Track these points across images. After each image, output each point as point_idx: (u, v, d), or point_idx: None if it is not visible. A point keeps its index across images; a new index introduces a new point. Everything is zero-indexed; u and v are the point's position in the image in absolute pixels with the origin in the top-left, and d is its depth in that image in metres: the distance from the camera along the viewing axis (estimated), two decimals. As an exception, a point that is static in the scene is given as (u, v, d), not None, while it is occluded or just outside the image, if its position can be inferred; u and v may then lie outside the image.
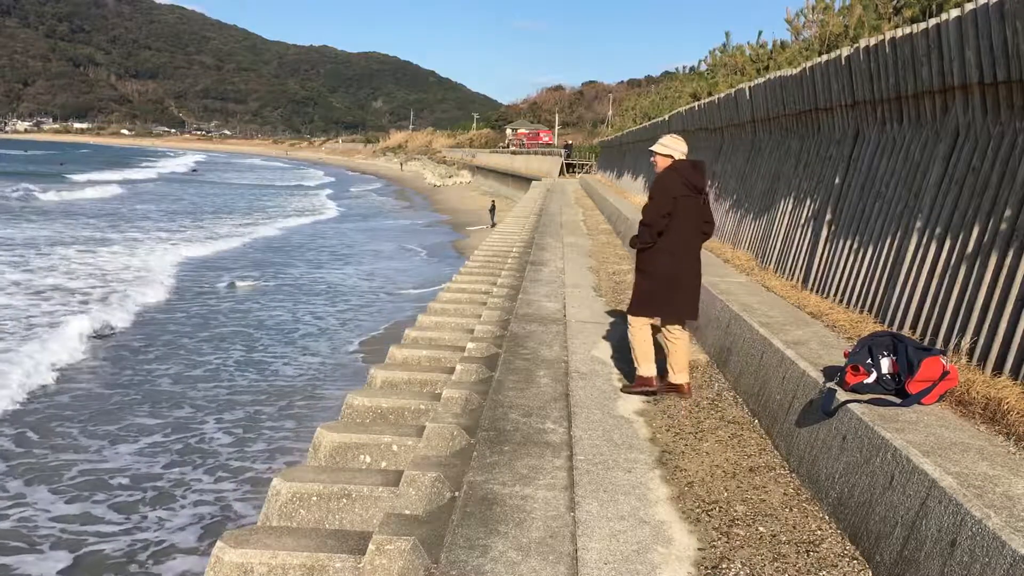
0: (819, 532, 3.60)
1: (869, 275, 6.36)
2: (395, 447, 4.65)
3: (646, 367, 5.57)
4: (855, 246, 6.73)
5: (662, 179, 5.54)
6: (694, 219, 5.54)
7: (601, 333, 7.42)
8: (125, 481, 8.25)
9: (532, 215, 20.92)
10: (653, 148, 5.66)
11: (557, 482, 3.95)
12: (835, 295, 6.93)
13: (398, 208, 49.16)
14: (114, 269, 21.10)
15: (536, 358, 6.35)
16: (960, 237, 5.12)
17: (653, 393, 5.55)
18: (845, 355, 4.36)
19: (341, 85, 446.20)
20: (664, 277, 5.52)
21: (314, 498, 3.95)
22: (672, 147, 5.57)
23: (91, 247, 25.06)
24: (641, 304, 5.61)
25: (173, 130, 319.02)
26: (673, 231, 5.47)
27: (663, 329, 5.72)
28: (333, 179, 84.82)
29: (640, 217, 5.62)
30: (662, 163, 5.59)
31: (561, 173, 50.40)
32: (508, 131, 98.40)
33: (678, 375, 5.65)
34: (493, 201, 37.72)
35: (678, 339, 5.63)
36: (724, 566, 3.25)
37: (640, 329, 5.57)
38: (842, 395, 4.05)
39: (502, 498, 3.73)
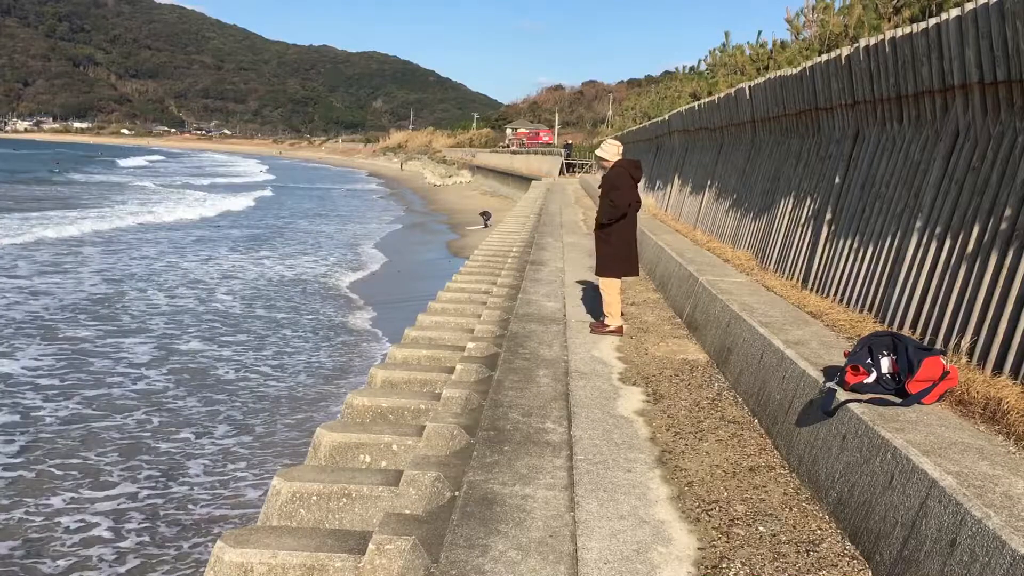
0: (819, 532, 3.60)
1: (869, 275, 6.36)
2: (395, 447, 4.65)
3: (619, 318, 7.53)
4: (855, 246, 6.73)
5: (618, 174, 7.53)
6: (634, 200, 7.59)
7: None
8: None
9: (532, 215, 20.92)
10: (602, 155, 7.70)
11: (557, 482, 3.95)
12: (835, 295, 6.93)
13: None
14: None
15: (536, 358, 6.35)
16: (960, 237, 5.11)
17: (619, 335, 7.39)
18: (845, 355, 4.36)
19: (341, 85, 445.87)
20: (624, 244, 7.56)
21: (314, 498, 3.95)
22: (615, 153, 7.64)
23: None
24: (613, 267, 7.54)
25: (173, 130, 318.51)
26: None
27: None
28: (382, 180, 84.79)
29: (608, 201, 7.51)
30: (609, 164, 7.64)
31: (561, 173, 50.40)
32: (508, 131, 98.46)
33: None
34: (486, 211, 37.02)
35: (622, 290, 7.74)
36: (724, 566, 3.25)
37: (614, 286, 7.50)
38: (842, 395, 4.05)
39: (502, 498, 3.73)
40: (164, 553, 6.66)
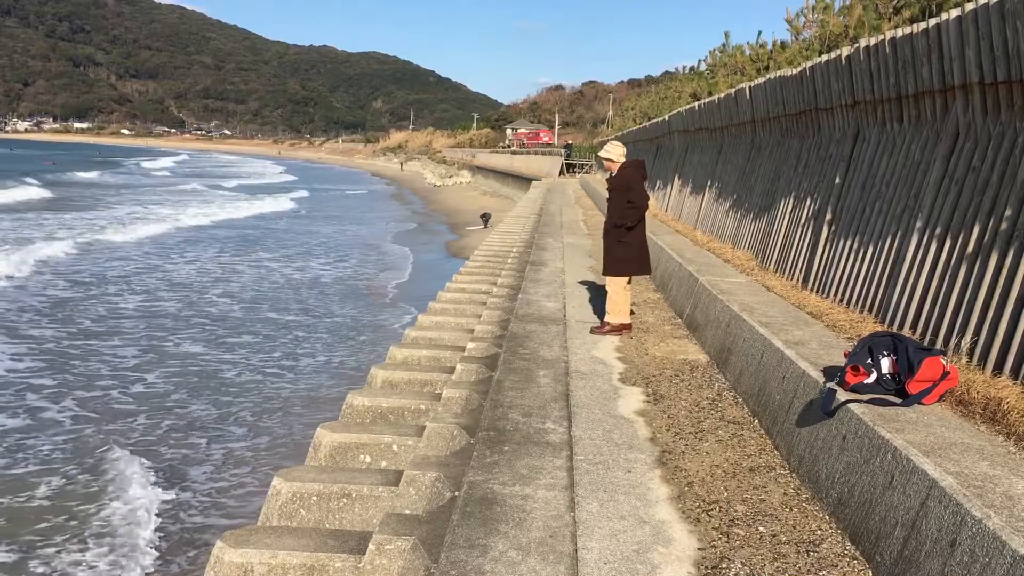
0: (819, 532, 3.60)
1: (869, 275, 6.36)
2: (395, 447, 4.65)
3: (624, 315, 7.55)
4: (855, 246, 6.73)
5: (630, 175, 7.56)
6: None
7: (601, 333, 7.41)
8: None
9: (532, 215, 20.92)
10: (608, 156, 7.68)
11: (557, 482, 3.95)
12: (835, 295, 6.93)
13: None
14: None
15: (536, 358, 6.35)
16: (960, 237, 5.11)
17: (619, 335, 7.43)
18: (845, 355, 4.36)
19: (341, 85, 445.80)
20: (639, 243, 7.64)
21: (314, 498, 3.95)
22: (621, 154, 7.67)
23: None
24: (625, 267, 7.56)
25: (173, 130, 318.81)
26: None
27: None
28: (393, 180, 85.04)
29: (627, 202, 7.47)
30: (615, 166, 7.66)
31: (561, 173, 50.40)
32: (508, 131, 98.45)
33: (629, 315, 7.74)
34: (486, 212, 37.06)
35: (630, 288, 7.72)
36: (724, 566, 3.25)
37: (621, 285, 7.52)
38: (842, 395, 4.05)
39: (502, 498, 3.72)
40: (187, 557, 6.66)
